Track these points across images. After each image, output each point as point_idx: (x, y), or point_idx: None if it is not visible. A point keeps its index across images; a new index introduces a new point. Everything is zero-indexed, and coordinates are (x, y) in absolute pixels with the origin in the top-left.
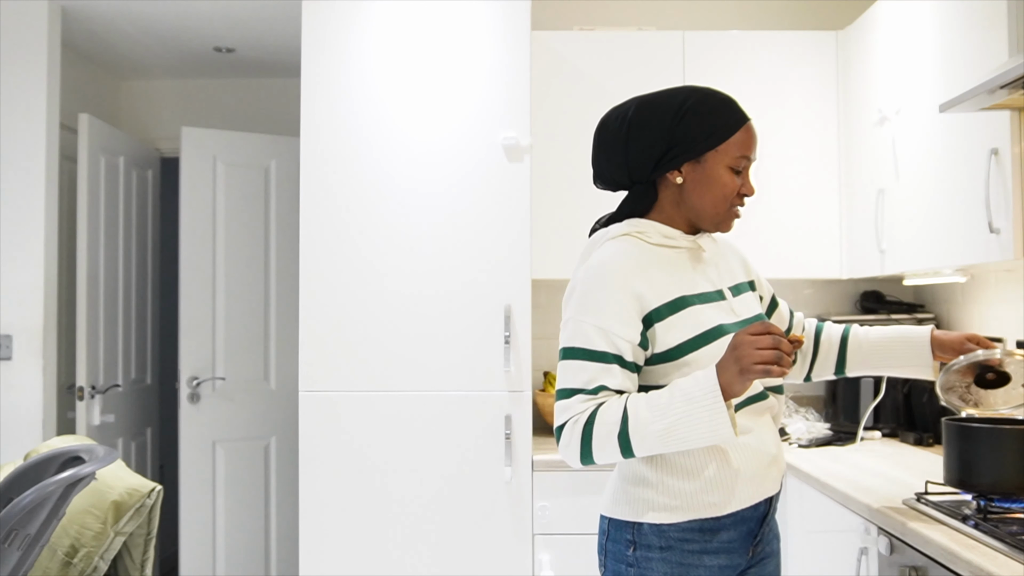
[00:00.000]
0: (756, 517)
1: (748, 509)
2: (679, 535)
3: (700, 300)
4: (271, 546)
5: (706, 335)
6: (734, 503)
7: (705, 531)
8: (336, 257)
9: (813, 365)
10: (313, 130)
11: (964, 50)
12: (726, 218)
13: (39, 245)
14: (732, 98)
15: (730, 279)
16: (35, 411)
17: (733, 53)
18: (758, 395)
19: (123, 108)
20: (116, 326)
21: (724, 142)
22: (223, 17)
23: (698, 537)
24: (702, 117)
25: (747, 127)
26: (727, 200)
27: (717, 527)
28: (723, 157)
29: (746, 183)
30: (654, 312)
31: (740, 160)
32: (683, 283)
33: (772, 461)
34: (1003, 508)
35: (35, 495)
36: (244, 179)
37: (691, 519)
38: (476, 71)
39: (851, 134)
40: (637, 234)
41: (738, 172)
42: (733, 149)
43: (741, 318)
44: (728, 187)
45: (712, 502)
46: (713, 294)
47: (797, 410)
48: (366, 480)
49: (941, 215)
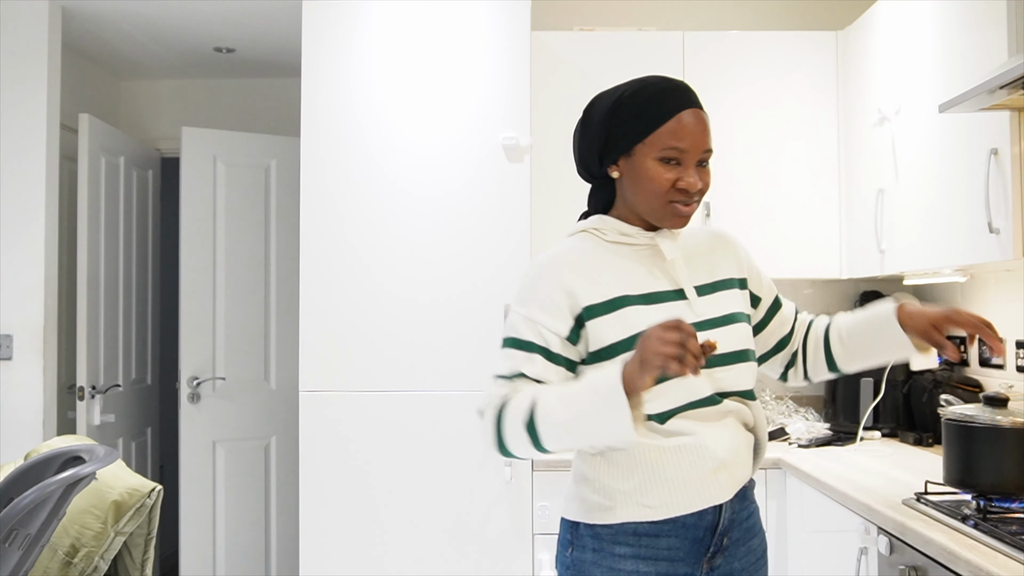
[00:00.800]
0: (703, 526)
1: (690, 516)
2: (612, 537)
3: (645, 300)
4: (271, 546)
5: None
6: (671, 508)
7: (640, 535)
8: (336, 257)
9: (806, 367)
10: (313, 130)
11: (964, 50)
12: (664, 214)
13: (39, 245)
14: (675, 86)
15: (702, 277)
16: (35, 411)
17: (733, 53)
18: (706, 399)
19: (123, 108)
20: (116, 326)
21: (651, 133)
22: (223, 17)
23: (632, 541)
24: (632, 109)
25: (679, 117)
26: (659, 195)
27: (655, 532)
28: (650, 149)
29: (684, 176)
30: (587, 310)
31: (669, 151)
32: (628, 282)
33: (720, 467)
34: (1003, 508)
35: (35, 495)
36: (244, 179)
37: (624, 522)
38: (476, 71)
39: (851, 134)
40: (594, 231)
41: (673, 164)
42: (660, 140)
43: (702, 318)
44: (656, 181)
45: (646, 505)
46: (668, 293)
47: (797, 410)
48: (366, 480)
49: (941, 215)
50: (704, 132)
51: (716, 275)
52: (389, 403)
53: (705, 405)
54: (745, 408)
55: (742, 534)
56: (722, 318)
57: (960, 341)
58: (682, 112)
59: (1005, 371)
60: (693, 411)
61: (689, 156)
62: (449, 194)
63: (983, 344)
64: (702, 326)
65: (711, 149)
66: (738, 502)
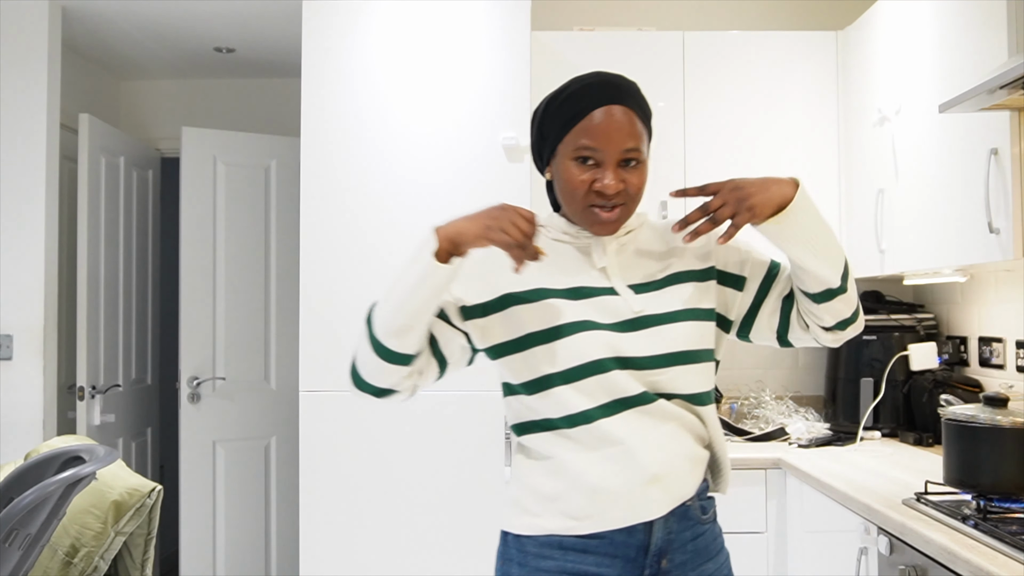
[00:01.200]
0: (633, 544)
1: (619, 533)
2: (537, 551)
3: (569, 295)
4: (271, 546)
5: (562, 328)
6: (595, 522)
7: (567, 549)
8: (336, 257)
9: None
10: (313, 130)
11: (964, 50)
12: (585, 220)
13: (39, 245)
14: (599, 82)
15: (646, 275)
16: (35, 411)
17: (733, 53)
18: (637, 396)
19: (123, 108)
20: (116, 326)
21: (567, 134)
22: (223, 17)
23: (558, 555)
24: (553, 109)
25: (592, 115)
26: (576, 198)
27: (581, 547)
28: (567, 149)
29: (601, 177)
30: (509, 296)
31: (582, 151)
32: (556, 276)
33: (651, 480)
34: (1003, 508)
35: (35, 495)
36: (244, 179)
37: (549, 534)
38: (476, 71)
39: (851, 134)
40: (540, 227)
41: (590, 165)
42: (574, 139)
43: (640, 314)
44: (571, 182)
45: (570, 515)
46: (599, 289)
47: (797, 410)
48: (366, 480)
49: (941, 215)
50: (621, 130)
51: (669, 270)
52: (389, 403)
53: (637, 405)
54: (692, 416)
55: (688, 557)
56: (663, 316)
57: (960, 341)
58: (596, 110)
59: (1005, 371)
60: (625, 414)
61: (605, 155)
62: (449, 193)
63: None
64: (637, 324)
65: (635, 148)
66: (676, 521)
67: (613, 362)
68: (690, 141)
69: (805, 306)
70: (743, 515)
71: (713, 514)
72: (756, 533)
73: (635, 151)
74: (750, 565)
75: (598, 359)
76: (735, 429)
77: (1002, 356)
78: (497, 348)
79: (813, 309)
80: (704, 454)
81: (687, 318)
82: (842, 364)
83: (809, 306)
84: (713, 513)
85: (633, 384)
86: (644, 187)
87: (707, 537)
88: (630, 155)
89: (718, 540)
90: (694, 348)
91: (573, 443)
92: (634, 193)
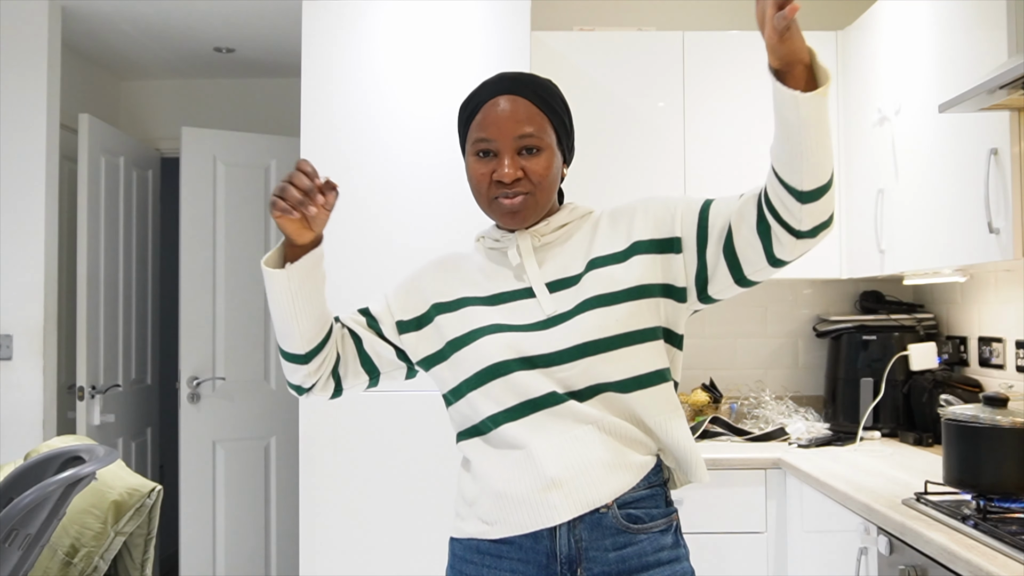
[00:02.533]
0: (542, 551)
1: (525, 539)
2: (463, 554)
3: (488, 301)
4: (271, 546)
5: (471, 334)
6: (504, 527)
7: (484, 553)
8: (336, 257)
9: (776, 214)
10: (313, 130)
11: (964, 50)
12: (493, 213)
13: (39, 245)
14: (492, 80)
15: (566, 270)
16: (35, 411)
17: (733, 53)
18: (544, 397)
19: (123, 108)
20: (116, 326)
21: (467, 132)
22: (223, 17)
23: (477, 559)
24: (460, 111)
25: (484, 108)
26: (480, 191)
27: (496, 552)
28: (469, 144)
29: (499, 169)
30: (435, 307)
31: (478, 144)
32: (478, 284)
33: (549, 486)
34: (1003, 508)
35: (35, 495)
36: (244, 179)
37: (470, 537)
38: (476, 71)
39: (851, 134)
40: (481, 237)
41: (489, 157)
42: (472, 135)
43: (550, 315)
44: (473, 177)
45: (483, 520)
46: (515, 292)
47: (797, 410)
48: (366, 480)
49: (941, 215)
50: (512, 118)
51: (590, 255)
52: (389, 403)
53: (545, 406)
54: (615, 418)
55: (611, 569)
56: (572, 309)
57: (960, 341)
58: (487, 102)
59: (1005, 371)
60: (532, 417)
61: (501, 145)
62: (448, 193)
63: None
64: (550, 322)
65: (530, 134)
66: (588, 529)
67: (517, 363)
68: (690, 141)
69: (783, 214)
70: (743, 515)
71: (663, 524)
72: (756, 533)
73: (531, 137)
74: (750, 565)
75: (500, 361)
76: (735, 429)
77: (1002, 356)
78: (426, 360)
79: (794, 213)
80: (637, 459)
81: (597, 305)
82: (842, 364)
83: (789, 211)
84: (664, 523)
85: (542, 384)
86: (549, 174)
87: (641, 548)
88: (526, 142)
89: (664, 553)
90: (610, 335)
91: (488, 448)
92: (537, 180)
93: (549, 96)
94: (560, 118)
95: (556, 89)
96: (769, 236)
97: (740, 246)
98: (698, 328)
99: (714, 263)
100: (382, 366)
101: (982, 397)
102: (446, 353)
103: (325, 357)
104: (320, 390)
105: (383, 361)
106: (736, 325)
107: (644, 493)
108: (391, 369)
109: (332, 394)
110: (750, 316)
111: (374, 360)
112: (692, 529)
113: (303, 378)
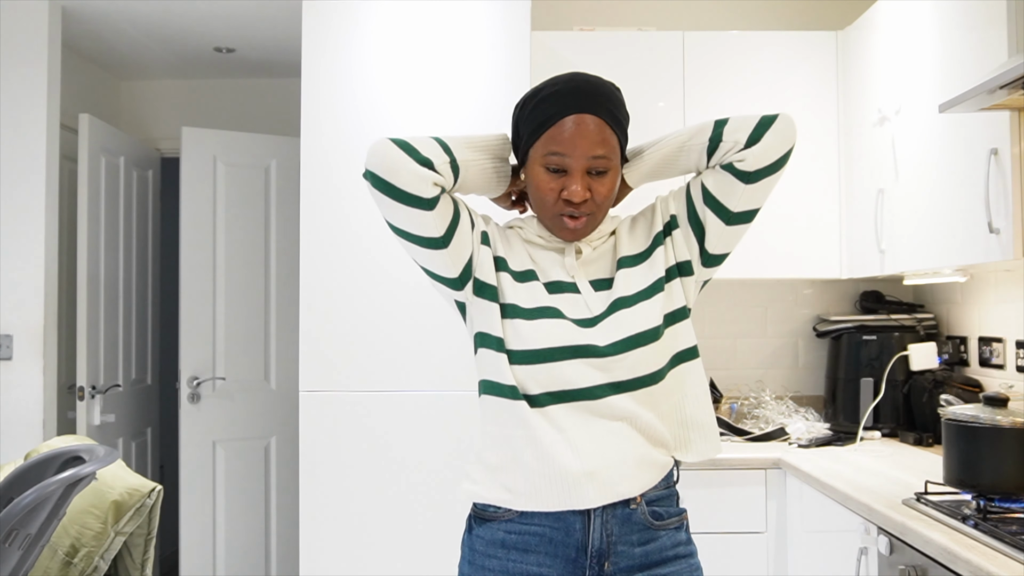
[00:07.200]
0: (573, 544)
1: (556, 532)
2: (483, 549)
3: (548, 288)
4: (271, 546)
5: (535, 310)
6: (530, 499)
7: (509, 548)
8: (336, 257)
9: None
10: (313, 130)
11: (964, 50)
12: (554, 226)
13: (39, 245)
14: (570, 89)
15: (602, 273)
16: (35, 411)
17: (733, 53)
18: (586, 390)
19: (123, 108)
20: (116, 326)
21: (538, 139)
22: (223, 17)
23: (501, 554)
24: (526, 112)
25: (562, 122)
26: (546, 205)
27: (523, 546)
28: (536, 154)
29: (568, 185)
30: (501, 260)
31: (551, 158)
32: (535, 266)
33: (585, 475)
34: (1003, 508)
35: (35, 495)
36: (244, 179)
37: (486, 503)
38: (476, 71)
39: (851, 134)
40: (517, 226)
41: (559, 173)
42: (544, 146)
43: (594, 314)
44: (541, 189)
45: (507, 487)
46: (568, 284)
47: (797, 410)
48: (366, 480)
49: (941, 215)
50: (588, 138)
51: (618, 255)
52: (389, 403)
53: (583, 399)
54: (649, 415)
55: (636, 563)
56: (611, 307)
57: (960, 341)
58: (566, 117)
59: (1005, 371)
60: (572, 404)
61: (573, 163)
62: None
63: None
64: (595, 320)
65: (603, 156)
66: (618, 524)
67: (570, 351)
68: None
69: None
70: (743, 515)
71: (677, 521)
72: (756, 533)
73: (602, 159)
74: (750, 565)
75: (555, 347)
76: (735, 429)
77: (1002, 356)
78: (485, 288)
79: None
80: (661, 459)
81: (634, 302)
82: (842, 364)
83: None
84: (678, 520)
85: (589, 375)
86: (612, 195)
87: (662, 543)
88: (597, 164)
89: (680, 548)
90: (653, 326)
91: (520, 421)
92: (600, 202)
93: (618, 111)
94: (624, 131)
95: (622, 98)
96: (731, 165)
97: (712, 185)
98: (698, 328)
99: (702, 214)
100: (459, 235)
101: (982, 397)
102: (506, 312)
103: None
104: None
105: (463, 238)
106: (736, 325)
107: (664, 492)
108: (461, 245)
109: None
110: (750, 316)
111: (457, 230)
112: (693, 529)
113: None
